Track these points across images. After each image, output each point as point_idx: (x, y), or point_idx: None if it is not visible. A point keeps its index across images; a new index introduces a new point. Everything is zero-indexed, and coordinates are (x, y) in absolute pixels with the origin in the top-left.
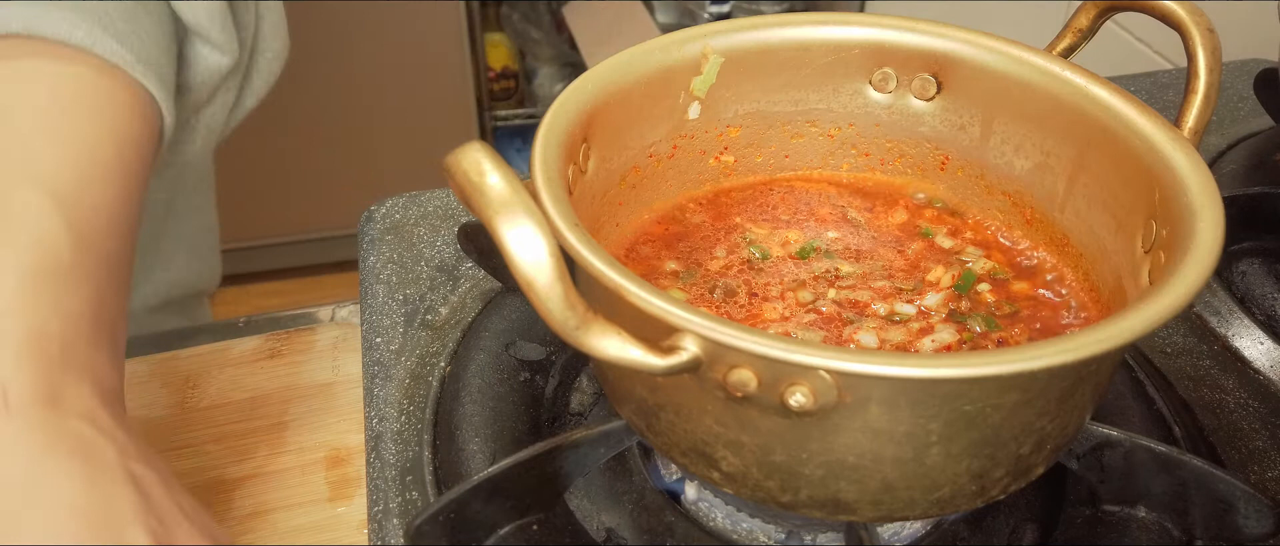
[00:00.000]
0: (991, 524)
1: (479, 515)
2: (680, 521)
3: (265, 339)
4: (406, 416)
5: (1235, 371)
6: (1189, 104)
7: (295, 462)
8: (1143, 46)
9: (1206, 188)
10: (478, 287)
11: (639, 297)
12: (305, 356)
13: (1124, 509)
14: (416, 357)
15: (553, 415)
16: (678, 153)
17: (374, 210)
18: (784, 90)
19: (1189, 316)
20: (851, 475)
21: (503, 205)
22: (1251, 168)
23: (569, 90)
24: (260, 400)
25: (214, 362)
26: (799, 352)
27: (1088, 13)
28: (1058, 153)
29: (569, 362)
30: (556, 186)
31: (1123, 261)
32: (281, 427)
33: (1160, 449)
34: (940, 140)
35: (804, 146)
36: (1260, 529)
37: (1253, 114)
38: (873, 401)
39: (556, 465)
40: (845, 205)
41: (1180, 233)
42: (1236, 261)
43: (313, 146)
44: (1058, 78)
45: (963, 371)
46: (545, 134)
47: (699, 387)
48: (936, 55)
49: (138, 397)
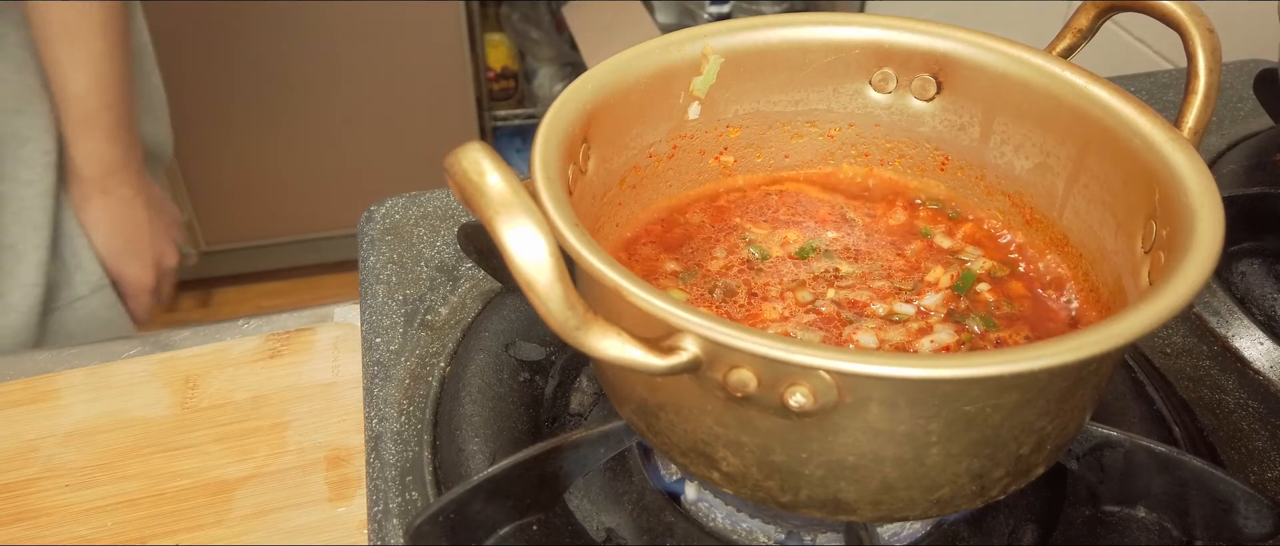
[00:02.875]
0: (991, 524)
1: (479, 515)
2: (680, 521)
3: (265, 339)
4: (406, 416)
5: (1235, 371)
6: (1189, 104)
7: (295, 463)
8: (1143, 47)
9: (1206, 188)
10: (478, 288)
11: (639, 297)
12: (305, 356)
13: (1124, 509)
14: (416, 358)
15: (552, 415)
16: (677, 153)
17: (374, 210)
18: (784, 90)
19: (1189, 316)
20: (851, 475)
21: (503, 205)
22: (1251, 168)
23: (569, 90)
24: (260, 400)
25: (214, 363)
26: (799, 353)
27: (1088, 13)
28: (1058, 153)
29: (569, 363)
30: (556, 186)
31: (1122, 261)
32: (282, 428)
33: (1160, 449)
34: (940, 140)
35: (804, 147)
36: (1260, 529)
37: (1252, 114)
38: (873, 401)
39: (556, 465)
40: (844, 205)
41: (1180, 233)
42: (1236, 262)
43: (313, 146)
44: (1058, 78)
45: (963, 371)
46: (545, 134)
47: (699, 388)
48: (936, 55)
49: (138, 398)
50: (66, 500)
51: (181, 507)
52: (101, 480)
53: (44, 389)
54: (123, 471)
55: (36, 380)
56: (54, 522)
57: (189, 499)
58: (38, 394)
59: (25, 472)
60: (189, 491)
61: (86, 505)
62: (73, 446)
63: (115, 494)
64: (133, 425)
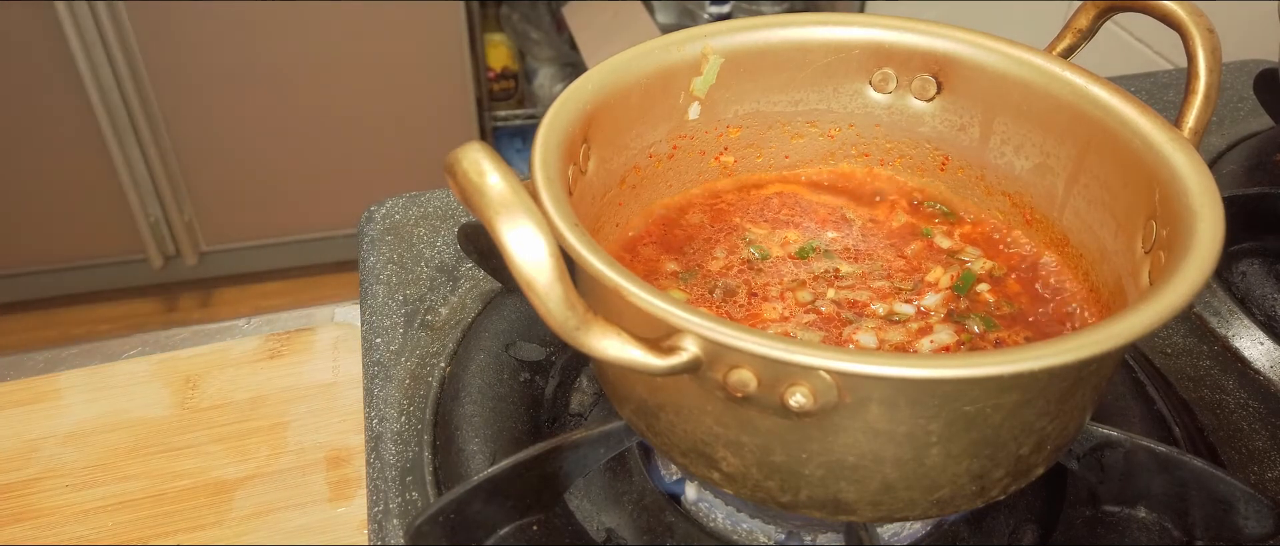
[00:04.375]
0: (991, 524)
1: (479, 515)
2: (680, 522)
3: (265, 339)
4: (406, 417)
5: (1235, 371)
6: (1189, 104)
7: (295, 463)
8: (1143, 47)
9: (1206, 188)
10: (478, 288)
11: (639, 298)
12: (305, 357)
13: (1124, 509)
14: (416, 358)
15: (552, 415)
16: (678, 153)
17: (374, 210)
18: (784, 91)
19: (1189, 317)
20: (851, 475)
21: (503, 205)
22: (1251, 168)
23: (569, 90)
24: (260, 400)
25: (214, 363)
26: (799, 353)
27: (1088, 13)
28: (1058, 153)
29: (569, 363)
30: (556, 187)
31: (1123, 262)
32: (282, 428)
33: (1160, 449)
34: (940, 140)
35: (804, 147)
36: (1260, 529)
37: (1252, 114)
38: (873, 401)
39: (556, 465)
40: (844, 206)
41: (1180, 233)
42: (1236, 262)
43: (312, 146)
44: (1058, 78)
45: (963, 372)
46: (545, 134)
47: (699, 388)
48: (936, 55)
49: (138, 398)
50: (67, 500)
51: (182, 508)
52: (102, 480)
53: (44, 389)
54: (123, 471)
55: (37, 380)
56: (54, 523)
57: (189, 499)
58: (38, 394)
59: (25, 473)
60: (189, 492)
61: (87, 505)
62: (73, 446)
63: (115, 494)
64: (133, 425)
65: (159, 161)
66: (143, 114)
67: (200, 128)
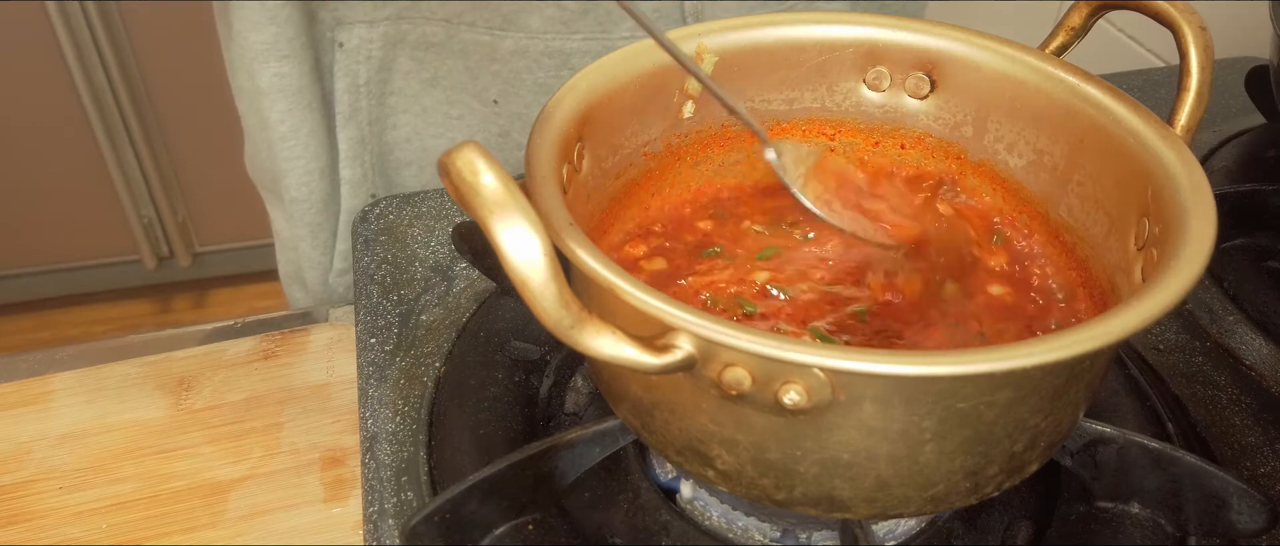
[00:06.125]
0: (985, 521)
1: (475, 515)
2: (676, 520)
3: (260, 340)
4: (401, 417)
5: (1228, 367)
6: (1181, 101)
7: (290, 464)
8: (1135, 44)
9: (1199, 185)
10: (472, 288)
11: (633, 296)
12: (300, 357)
13: (1118, 505)
14: (411, 358)
15: (548, 415)
16: (672, 151)
17: (368, 210)
18: (778, 89)
19: (1182, 313)
20: (846, 472)
21: (497, 204)
22: (1243, 165)
23: (563, 89)
24: (255, 401)
25: (208, 364)
26: (793, 350)
27: (1080, 11)
28: (1051, 150)
29: (564, 362)
30: (551, 185)
31: (1116, 258)
32: (276, 429)
33: (1153, 445)
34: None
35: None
36: (1253, 524)
37: (1244, 111)
38: (866, 399)
39: (552, 464)
40: None
41: (1173, 229)
42: (1229, 258)
43: None
44: (1051, 76)
45: (956, 368)
46: (539, 133)
47: (694, 386)
48: (930, 54)
49: (132, 400)
50: (60, 502)
51: (176, 509)
52: (95, 482)
53: (37, 391)
54: (117, 473)
55: (29, 382)
56: (48, 525)
57: (183, 500)
58: (31, 396)
59: (18, 475)
60: (183, 493)
61: (80, 507)
62: (66, 449)
63: (109, 496)
64: (126, 427)
65: (152, 162)
66: (135, 115)
67: (193, 128)
